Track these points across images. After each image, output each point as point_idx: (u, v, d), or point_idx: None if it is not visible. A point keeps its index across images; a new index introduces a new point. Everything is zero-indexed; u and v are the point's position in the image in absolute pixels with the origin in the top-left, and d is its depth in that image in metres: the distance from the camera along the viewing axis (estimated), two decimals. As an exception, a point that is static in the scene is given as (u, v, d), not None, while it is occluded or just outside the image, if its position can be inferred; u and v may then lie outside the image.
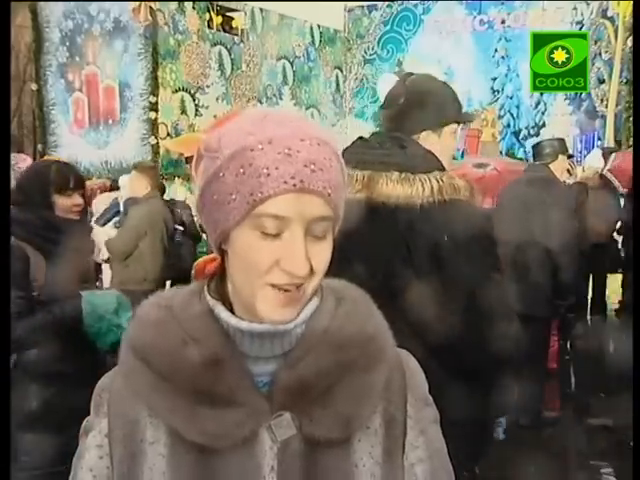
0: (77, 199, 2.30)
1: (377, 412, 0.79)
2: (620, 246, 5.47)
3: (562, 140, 4.33)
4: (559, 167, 4.11)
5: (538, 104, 10.70)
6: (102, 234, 4.56)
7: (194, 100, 9.75)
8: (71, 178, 2.28)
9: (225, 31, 10.30)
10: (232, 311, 0.78)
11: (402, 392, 0.82)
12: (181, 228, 4.99)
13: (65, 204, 2.26)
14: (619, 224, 5.37)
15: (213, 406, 0.73)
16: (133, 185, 4.73)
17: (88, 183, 7.37)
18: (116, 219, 5.11)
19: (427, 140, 1.63)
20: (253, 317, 0.75)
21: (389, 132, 1.66)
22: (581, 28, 9.95)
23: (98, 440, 0.78)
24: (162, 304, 0.79)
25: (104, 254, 4.56)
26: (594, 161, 5.98)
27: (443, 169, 1.56)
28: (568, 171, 4.68)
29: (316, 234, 0.71)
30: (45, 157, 7.95)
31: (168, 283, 4.69)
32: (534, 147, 4.37)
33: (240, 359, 0.75)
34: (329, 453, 0.76)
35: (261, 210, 0.69)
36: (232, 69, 10.39)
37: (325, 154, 0.71)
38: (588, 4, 10.13)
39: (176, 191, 7.77)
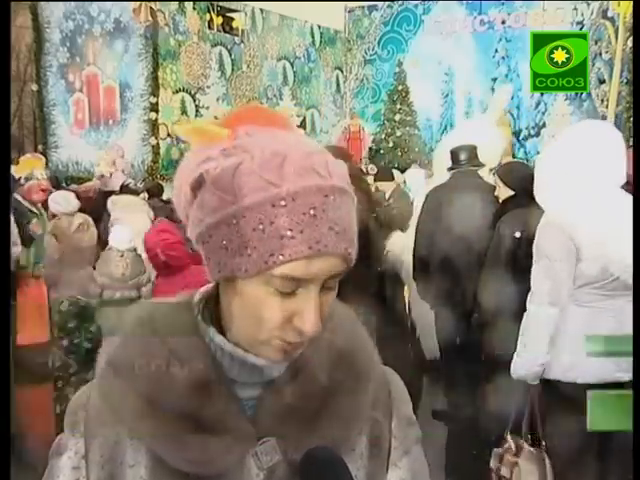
0: None
1: (363, 434, 0.77)
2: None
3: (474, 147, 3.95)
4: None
5: (538, 104, 10.71)
6: None
7: (194, 101, 9.76)
8: None
9: (225, 32, 10.31)
10: (222, 332, 0.74)
11: (388, 411, 0.81)
12: None
13: None
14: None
15: (199, 432, 0.70)
16: None
17: (88, 184, 7.42)
18: None
19: None
20: (250, 350, 0.72)
21: None
22: (581, 28, 9.96)
23: (74, 462, 0.74)
24: (144, 318, 0.75)
25: None
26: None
27: None
28: None
29: (328, 287, 0.69)
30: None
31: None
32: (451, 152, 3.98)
33: (228, 383, 0.73)
34: None
35: (278, 271, 0.64)
36: (232, 70, 10.41)
37: (347, 207, 0.67)
38: (588, 4, 10.14)
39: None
